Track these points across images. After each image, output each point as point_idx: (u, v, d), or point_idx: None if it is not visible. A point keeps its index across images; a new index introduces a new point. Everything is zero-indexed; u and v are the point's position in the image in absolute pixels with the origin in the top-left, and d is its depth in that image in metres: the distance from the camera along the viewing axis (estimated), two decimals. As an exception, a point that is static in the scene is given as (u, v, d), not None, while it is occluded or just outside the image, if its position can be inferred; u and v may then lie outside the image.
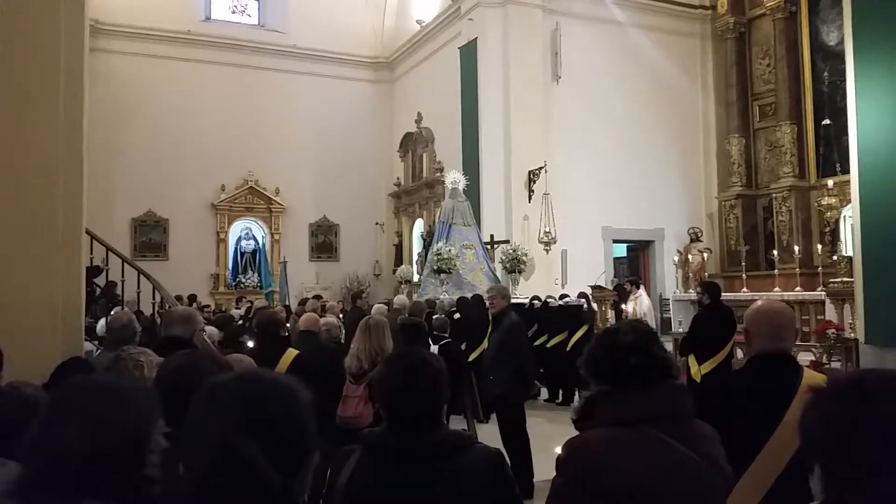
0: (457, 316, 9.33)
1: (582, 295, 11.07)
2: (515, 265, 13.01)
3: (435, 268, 12.57)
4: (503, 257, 13.23)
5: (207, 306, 14.88)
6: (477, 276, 12.81)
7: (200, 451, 1.14)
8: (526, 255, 13.15)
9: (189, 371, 2.09)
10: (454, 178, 13.74)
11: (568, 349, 9.70)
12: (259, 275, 18.08)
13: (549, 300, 10.88)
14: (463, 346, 7.97)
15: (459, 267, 12.70)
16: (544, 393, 10.31)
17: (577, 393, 9.83)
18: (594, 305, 11.41)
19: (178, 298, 13.32)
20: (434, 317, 8.27)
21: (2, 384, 2.98)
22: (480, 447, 1.91)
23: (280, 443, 1.15)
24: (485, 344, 7.21)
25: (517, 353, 5.64)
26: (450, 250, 12.58)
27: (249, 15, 19.26)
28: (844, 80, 6.30)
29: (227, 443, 1.13)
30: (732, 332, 7.19)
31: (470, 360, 7.85)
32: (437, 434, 1.87)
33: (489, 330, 6.26)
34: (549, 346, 9.96)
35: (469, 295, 10.35)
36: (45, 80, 4.25)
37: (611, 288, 12.68)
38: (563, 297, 11.24)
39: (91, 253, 6.13)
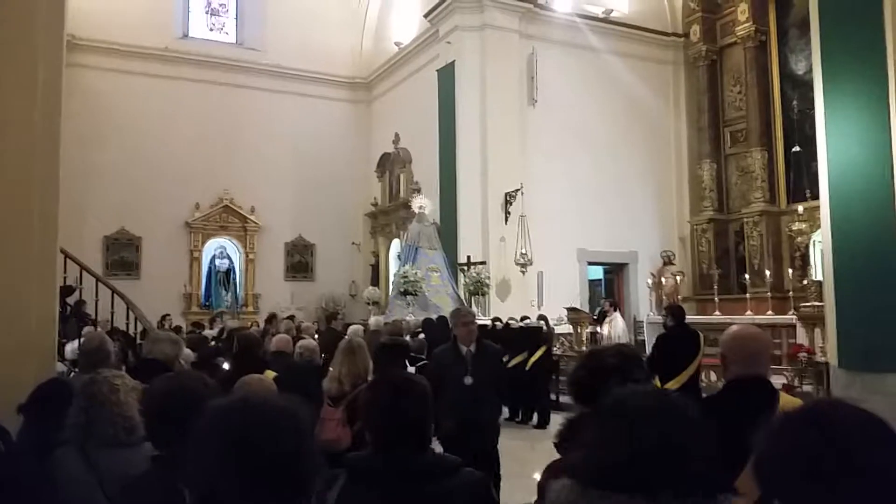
0: (421, 336, 9.48)
1: (541, 317, 11.49)
2: (479, 287, 13.25)
3: (401, 290, 12.89)
4: (467, 280, 13.37)
5: (179, 328, 14.63)
6: (442, 299, 13.17)
7: (198, 479, 1.15)
8: (489, 278, 13.30)
9: (178, 394, 2.07)
10: (420, 202, 14.11)
11: (527, 368, 10.26)
12: (234, 294, 17.91)
13: (510, 321, 11.17)
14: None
15: (425, 289, 13.01)
16: (505, 412, 10.49)
17: (534, 412, 10.29)
18: (570, 326, 11.59)
19: (164, 320, 13.20)
20: (413, 337, 8.28)
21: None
22: (467, 471, 1.91)
23: (279, 468, 1.15)
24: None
25: (503, 378, 5.68)
26: (416, 273, 12.89)
27: (227, 33, 19.25)
28: (813, 108, 6.46)
29: (216, 474, 1.13)
30: (696, 352, 7.28)
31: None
32: (425, 457, 1.87)
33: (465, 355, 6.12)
34: (509, 365, 10.18)
35: (434, 316, 10.69)
36: (21, 97, 4.21)
37: (596, 313, 13.01)
38: (523, 318, 11.57)
39: (64, 272, 6.04)
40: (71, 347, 6.55)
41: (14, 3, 4.25)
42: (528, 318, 11.60)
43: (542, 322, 11.18)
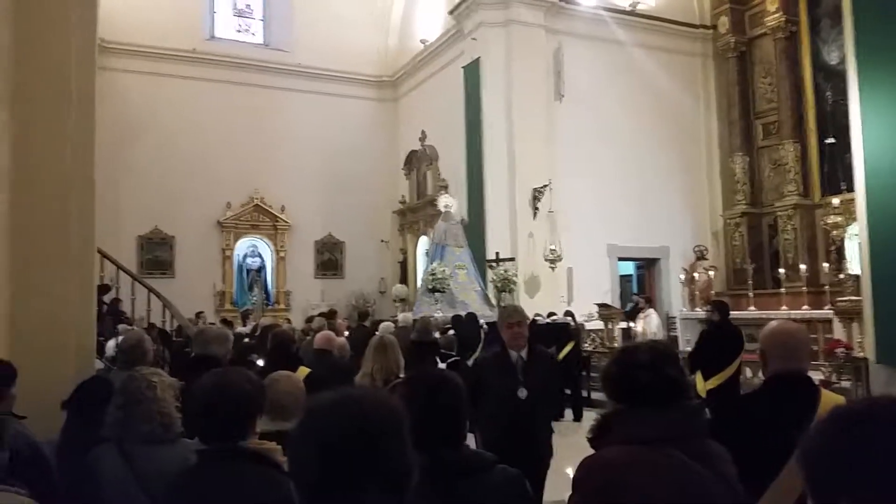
0: (451, 332, 9.55)
1: (568, 313, 11.56)
2: (506, 285, 13.30)
3: (429, 287, 13.09)
4: (494, 277, 13.38)
5: (213, 324, 14.81)
6: (469, 295, 13.33)
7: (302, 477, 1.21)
8: (516, 275, 13.35)
9: (223, 390, 2.10)
10: (446, 201, 14.22)
11: (555, 365, 10.22)
12: (265, 292, 18.12)
13: (536, 318, 11.19)
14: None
15: (452, 286, 13.11)
16: None
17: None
18: (601, 322, 11.55)
19: (198, 317, 13.43)
20: (443, 334, 8.33)
21: (14, 403, 3.01)
22: (501, 468, 1.93)
23: (390, 463, 1.22)
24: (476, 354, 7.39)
25: (558, 389, 4.92)
26: (444, 270, 12.99)
27: (254, 34, 19.44)
28: (846, 99, 6.33)
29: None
30: (739, 349, 7.21)
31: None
32: (460, 453, 1.89)
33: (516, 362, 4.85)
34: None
35: (462, 313, 10.82)
36: (56, 103, 4.29)
37: (627, 308, 12.99)
38: (550, 314, 11.63)
39: (101, 271, 6.17)
40: (110, 345, 6.68)
41: (48, 9, 4.34)
42: (555, 314, 11.63)
43: (569, 318, 11.21)
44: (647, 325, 11.81)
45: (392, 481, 1.22)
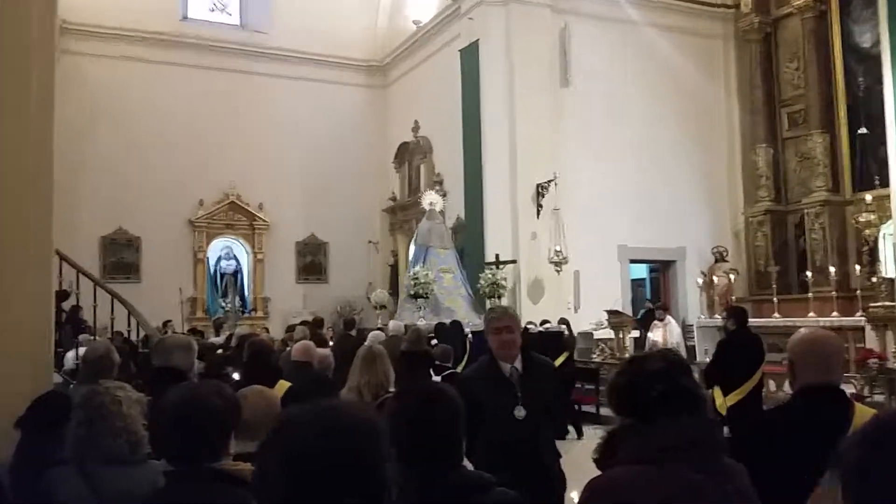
0: (434, 342, 9.57)
1: (562, 321, 11.59)
2: (494, 290, 13.34)
3: (412, 293, 13.00)
4: (482, 282, 13.40)
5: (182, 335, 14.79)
6: (455, 301, 13.37)
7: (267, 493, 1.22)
8: (505, 279, 13.45)
9: (191, 405, 2.10)
10: (431, 199, 14.24)
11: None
12: (241, 298, 18.08)
13: (529, 326, 11.23)
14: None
15: (437, 291, 13.11)
16: None
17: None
18: (612, 331, 11.57)
19: (165, 326, 13.47)
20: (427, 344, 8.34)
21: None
22: (500, 490, 1.93)
23: (367, 479, 1.23)
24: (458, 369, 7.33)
25: (561, 404, 4.66)
26: (427, 274, 13.01)
27: (230, 14, 19.43)
28: (880, 85, 6.35)
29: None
30: (760, 360, 7.22)
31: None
32: (457, 473, 1.89)
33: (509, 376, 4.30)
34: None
35: (447, 321, 10.83)
36: (13, 95, 4.27)
37: (640, 315, 13.04)
38: (543, 322, 11.66)
39: (59, 275, 6.15)
40: (70, 356, 6.66)
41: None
42: (549, 321, 11.66)
43: (564, 327, 11.27)
44: (669, 334, 11.84)
45: (368, 498, 1.23)
